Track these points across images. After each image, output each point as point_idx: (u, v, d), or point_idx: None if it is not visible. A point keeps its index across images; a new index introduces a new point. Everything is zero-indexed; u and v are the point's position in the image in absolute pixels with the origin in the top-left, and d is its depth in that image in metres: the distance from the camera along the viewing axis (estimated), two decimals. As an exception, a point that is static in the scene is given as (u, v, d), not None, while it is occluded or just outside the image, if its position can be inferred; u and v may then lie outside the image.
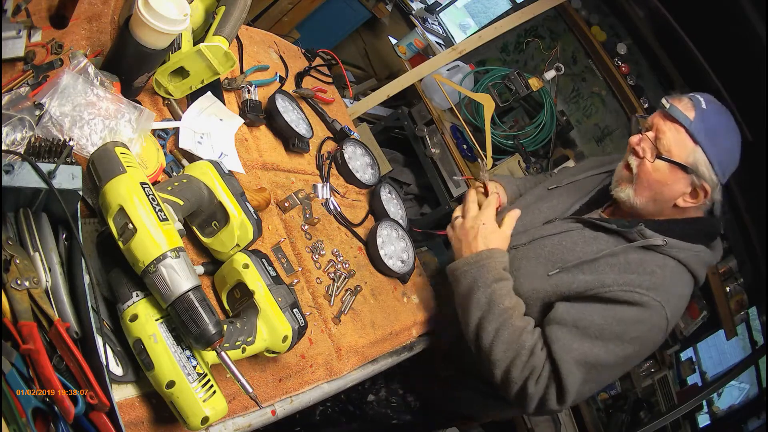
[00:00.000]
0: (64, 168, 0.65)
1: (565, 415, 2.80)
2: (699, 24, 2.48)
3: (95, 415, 0.59)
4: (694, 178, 1.13)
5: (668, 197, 1.18)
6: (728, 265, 2.94)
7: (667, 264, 1.15)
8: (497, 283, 1.19)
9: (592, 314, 1.12)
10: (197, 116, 1.04)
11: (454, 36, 3.57)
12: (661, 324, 1.12)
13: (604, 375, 1.15)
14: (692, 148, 1.12)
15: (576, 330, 1.12)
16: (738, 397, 3.39)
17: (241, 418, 0.84)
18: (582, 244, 1.22)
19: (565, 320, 1.14)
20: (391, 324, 1.25)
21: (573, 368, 1.10)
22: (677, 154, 1.13)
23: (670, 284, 1.13)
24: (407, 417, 1.50)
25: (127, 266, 0.70)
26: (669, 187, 1.16)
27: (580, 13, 2.90)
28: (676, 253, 1.15)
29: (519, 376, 1.14)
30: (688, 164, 1.13)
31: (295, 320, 0.86)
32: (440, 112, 2.61)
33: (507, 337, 1.15)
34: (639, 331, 1.11)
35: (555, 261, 1.22)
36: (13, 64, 0.81)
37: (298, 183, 1.25)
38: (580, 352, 1.10)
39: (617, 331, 1.10)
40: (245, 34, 1.42)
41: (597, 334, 1.11)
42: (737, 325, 2.96)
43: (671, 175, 1.15)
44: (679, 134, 1.13)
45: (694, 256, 1.16)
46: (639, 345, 1.13)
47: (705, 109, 1.13)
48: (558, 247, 1.24)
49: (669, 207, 1.19)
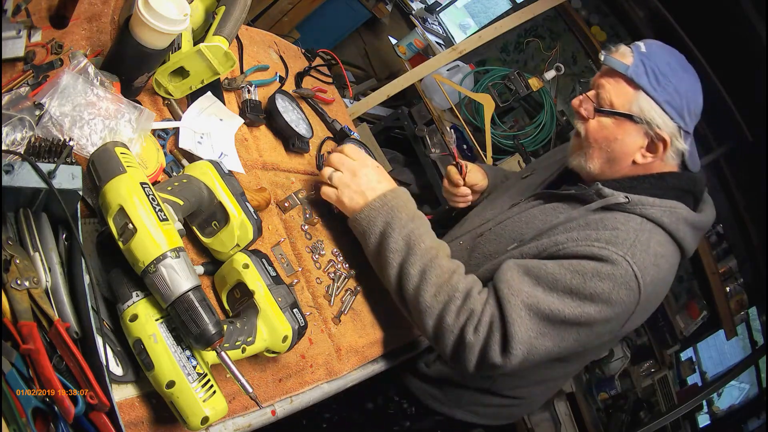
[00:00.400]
0: (64, 168, 0.65)
1: (565, 415, 2.80)
2: (699, 24, 2.49)
3: (95, 415, 0.59)
4: (646, 127, 1.04)
5: (622, 154, 1.07)
6: (728, 265, 2.95)
7: (632, 220, 1.02)
8: (413, 222, 1.07)
9: (545, 264, 1.00)
10: (197, 116, 1.04)
11: (454, 36, 3.57)
12: (629, 283, 0.96)
13: (565, 333, 0.99)
14: (633, 94, 1.03)
15: (528, 276, 1.00)
16: (738, 397, 3.40)
17: (241, 418, 0.84)
18: (541, 217, 1.14)
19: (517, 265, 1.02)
20: (391, 324, 1.25)
21: (522, 312, 0.96)
22: (619, 104, 1.05)
23: (635, 240, 0.99)
24: (407, 423, 1.49)
25: (127, 266, 0.70)
26: (620, 143, 1.07)
27: (580, 13, 2.90)
28: (642, 210, 1.03)
29: (454, 322, 0.99)
30: (633, 113, 1.04)
31: (295, 320, 0.86)
32: (440, 112, 2.61)
33: (435, 279, 1.02)
34: (600, 287, 0.96)
35: (515, 237, 1.14)
36: (13, 64, 0.81)
37: (298, 183, 1.25)
38: (530, 296, 0.97)
39: (574, 284, 0.96)
40: (245, 34, 1.42)
41: (551, 284, 0.98)
42: (737, 325, 2.97)
43: (619, 128, 1.06)
44: (618, 84, 1.05)
45: (667, 212, 1.03)
46: (603, 304, 0.97)
47: (644, 52, 1.04)
48: (518, 224, 1.17)
49: (628, 166, 1.09)
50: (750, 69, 2.35)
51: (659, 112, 1.03)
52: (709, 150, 2.74)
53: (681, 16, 2.58)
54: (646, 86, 1.02)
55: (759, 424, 2.78)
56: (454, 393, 1.37)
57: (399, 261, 1.06)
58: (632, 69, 1.03)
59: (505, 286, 0.99)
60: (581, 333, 1.00)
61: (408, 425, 1.46)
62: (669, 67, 1.04)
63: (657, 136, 1.04)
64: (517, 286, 0.99)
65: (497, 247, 1.17)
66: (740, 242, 2.92)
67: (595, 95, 1.10)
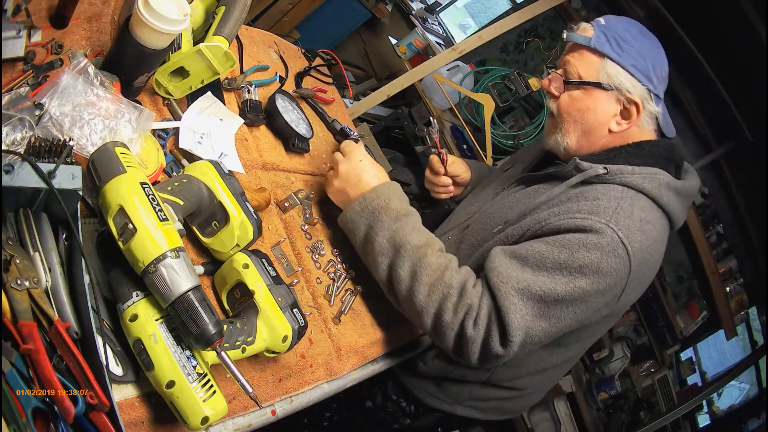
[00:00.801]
0: (64, 168, 0.65)
1: (565, 415, 2.80)
2: (699, 24, 2.49)
3: (95, 415, 0.59)
4: (617, 93, 1.06)
5: (597, 124, 1.09)
6: (728, 265, 2.95)
7: (612, 189, 1.03)
8: (397, 222, 1.06)
9: (530, 245, 1.00)
10: (197, 116, 1.04)
11: (454, 36, 3.57)
12: (617, 251, 0.96)
13: (560, 312, 0.98)
14: (599, 62, 1.06)
15: (515, 260, 0.99)
16: (738, 397, 3.40)
17: (241, 418, 0.84)
18: (524, 200, 1.14)
19: (503, 251, 1.02)
20: (391, 324, 1.25)
21: (515, 299, 0.96)
22: (586, 75, 1.08)
23: (617, 207, 0.99)
24: (407, 421, 1.49)
25: (127, 266, 0.70)
26: (593, 113, 1.08)
27: (580, 13, 2.90)
28: (621, 179, 1.03)
29: (453, 319, 0.99)
30: (602, 80, 1.06)
31: (295, 320, 0.86)
32: (440, 112, 2.61)
33: (426, 279, 1.01)
34: (588, 257, 0.95)
35: (498, 223, 1.15)
36: (13, 64, 0.81)
37: (298, 183, 1.25)
38: (520, 280, 0.96)
39: (561, 258, 0.96)
40: (245, 34, 1.42)
41: (539, 263, 0.97)
42: (737, 325, 2.97)
43: (590, 98, 1.08)
44: (582, 56, 1.08)
45: (648, 178, 1.03)
46: (594, 275, 0.96)
47: (603, 24, 1.08)
48: (501, 209, 1.17)
49: (605, 136, 1.10)
50: (750, 69, 2.35)
51: (626, 75, 1.05)
52: (709, 150, 2.74)
53: (681, 16, 2.58)
54: (610, 53, 1.05)
55: (759, 424, 2.78)
56: (453, 389, 1.37)
57: (387, 263, 1.06)
58: (594, 40, 1.06)
59: (495, 275, 0.99)
60: (578, 310, 0.99)
61: (408, 423, 1.46)
62: (629, 33, 1.07)
63: (628, 100, 1.06)
64: (505, 272, 0.98)
65: (483, 235, 1.16)
66: (740, 242, 2.92)
67: (563, 72, 1.12)
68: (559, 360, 1.35)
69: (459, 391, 1.36)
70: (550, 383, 1.49)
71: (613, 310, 1.09)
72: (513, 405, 1.45)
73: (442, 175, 1.42)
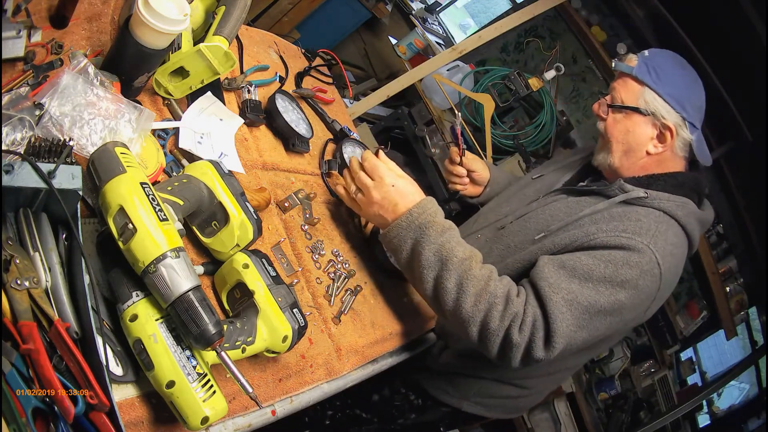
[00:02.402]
0: (64, 168, 0.65)
1: (565, 415, 2.80)
2: (699, 24, 2.48)
3: (95, 415, 0.59)
4: (653, 118, 1.18)
5: (637, 145, 1.21)
6: (728, 265, 2.94)
7: (652, 213, 1.13)
8: (443, 236, 1.10)
9: (579, 257, 1.08)
10: (197, 116, 1.04)
11: (454, 36, 3.57)
12: (653, 270, 1.06)
13: (597, 322, 1.06)
14: (639, 89, 1.19)
15: (563, 271, 1.07)
16: (738, 397, 3.40)
17: (241, 418, 0.84)
18: (566, 209, 1.22)
19: (552, 262, 1.09)
20: (391, 324, 1.25)
21: (563, 308, 1.03)
22: (627, 100, 1.21)
23: (656, 230, 1.09)
24: (412, 415, 1.50)
25: (127, 266, 0.70)
26: (633, 134, 1.20)
27: (580, 13, 2.90)
28: (659, 204, 1.14)
29: (499, 326, 1.04)
30: (640, 106, 1.19)
31: (295, 320, 0.86)
32: (440, 112, 2.61)
33: (472, 289, 1.06)
34: (629, 274, 1.05)
35: (540, 228, 1.21)
36: (13, 64, 0.81)
37: (298, 183, 1.25)
38: (569, 291, 1.04)
39: (607, 273, 1.05)
40: (245, 34, 1.42)
41: (586, 275, 1.05)
42: (737, 325, 2.97)
43: (630, 121, 1.21)
44: (626, 83, 1.22)
45: (680, 206, 1.14)
46: (632, 290, 1.06)
47: (647, 55, 1.21)
48: (542, 216, 1.24)
49: (643, 156, 1.21)
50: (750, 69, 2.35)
51: (662, 103, 1.17)
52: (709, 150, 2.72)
53: (681, 16, 2.57)
54: (649, 81, 1.17)
55: (759, 424, 2.78)
56: (463, 384, 1.41)
57: (434, 276, 1.09)
58: (636, 69, 1.20)
59: (545, 284, 1.05)
60: (613, 320, 1.08)
61: (413, 417, 1.48)
62: (668, 65, 1.21)
63: (663, 125, 1.18)
64: (555, 282, 1.05)
65: (523, 238, 1.23)
66: (740, 242, 2.92)
67: (610, 97, 1.26)
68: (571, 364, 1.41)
69: (469, 386, 1.40)
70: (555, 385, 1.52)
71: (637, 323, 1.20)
72: (518, 403, 1.49)
73: (457, 165, 1.48)
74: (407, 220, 1.12)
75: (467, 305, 1.06)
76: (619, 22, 2.92)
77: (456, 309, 1.07)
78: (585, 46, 2.96)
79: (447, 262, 1.08)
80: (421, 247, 1.10)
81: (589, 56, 2.97)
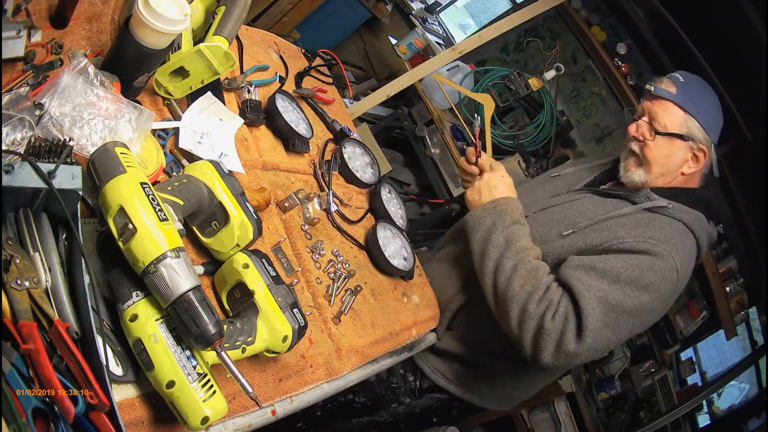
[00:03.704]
0: (64, 168, 0.65)
1: (565, 415, 2.80)
2: (699, 24, 2.48)
3: (95, 415, 0.59)
4: (692, 143, 1.27)
5: (675, 167, 1.30)
6: (728, 265, 2.94)
7: (674, 223, 1.22)
8: (515, 226, 1.28)
9: (608, 259, 1.17)
10: (197, 116, 1.04)
11: (454, 36, 3.57)
12: (672, 276, 1.15)
13: (622, 322, 1.14)
14: (683, 117, 1.27)
15: (594, 271, 1.16)
16: (738, 397, 3.40)
17: (241, 418, 0.84)
18: (592, 207, 1.31)
19: (582, 263, 1.19)
20: (391, 324, 1.25)
21: (594, 304, 1.11)
22: (672, 126, 1.27)
23: (678, 240, 1.19)
24: (407, 399, 1.51)
25: (127, 266, 0.70)
26: (673, 158, 1.29)
27: (580, 13, 2.90)
28: (680, 215, 1.23)
29: (536, 310, 1.16)
30: (684, 133, 1.27)
31: (295, 320, 0.86)
32: (440, 112, 2.61)
33: (524, 273, 1.20)
34: (653, 278, 1.14)
35: (567, 223, 1.30)
36: (13, 64, 0.81)
37: (298, 183, 1.25)
38: (599, 290, 1.13)
39: (634, 276, 1.13)
40: (245, 34, 1.42)
41: (615, 277, 1.14)
42: (737, 325, 2.96)
43: (672, 146, 1.28)
44: (669, 109, 1.28)
45: (697, 221, 1.24)
46: (654, 294, 1.14)
47: (683, 81, 1.29)
48: (569, 211, 1.33)
49: (678, 176, 1.31)
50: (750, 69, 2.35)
51: (700, 129, 1.26)
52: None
53: (681, 16, 2.57)
54: (692, 110, 1.26)
55: (759, 424, 2.78)
56: (461, 371, 1.46)
57: (497, 255, 1.26)
58: (679, 97, 1.27)
59: (578, 282, 1.15)
60: (634, 322, 1.16)
61: (408, 402, 1.52)
62: (701, 94, 1.31)
63: (699, 149, 1.28)
64: (587, 281, 1.15)
65: (548, 230, 1.33)
66: (740, 242, 2.92)
67: (649, 119, 1.31)
68: None
69: (466, 373, 1.46)
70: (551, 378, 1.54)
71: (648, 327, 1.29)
72: (512, 395, 1.53)
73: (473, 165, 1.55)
74: (493, 204, 1.33)
75: (516, 284, 1.19)
76: (619, 22, 2.92)
77: (506, 286, 1.21)
78: (585, 46, 2.96)
79: (511, 245, 1.24)
80: (495, 228, 1.28)
81: (589, 56, 2.97)
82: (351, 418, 1.53)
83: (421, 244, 2.62)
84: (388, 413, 1.53)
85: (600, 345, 1.14)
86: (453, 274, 1.52)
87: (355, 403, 1.52)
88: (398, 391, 1.50)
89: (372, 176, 1.51)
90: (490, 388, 1.47)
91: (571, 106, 3.06)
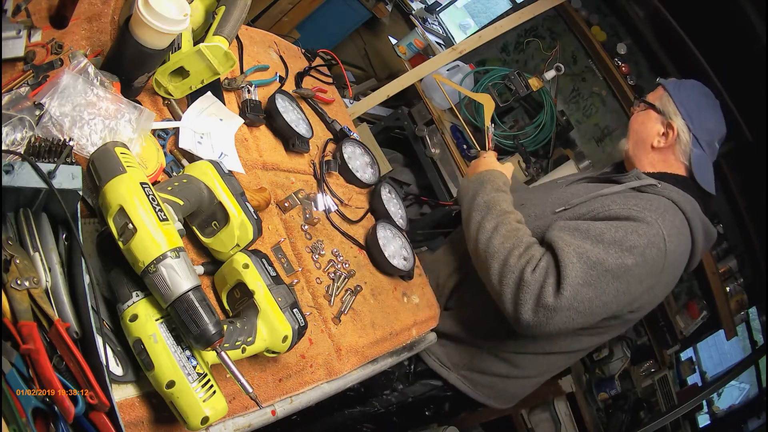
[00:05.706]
0: (64, 168, 0.65)
1: (565, 415, 2.80)
2: (699, 24, 2.48)
3: (95, 415, 0.59)
4: (663, 116, 1.38)
5: (646, 136, 1.40)
6: (728, 265, 2.94)
7: (662, 199, 1.26)
8: (496, 193, 1.37)
9: (593, 223, 1.21)
10: (197, 116, 1.04)
11: (454, 36, 3.57)
12: (659, 243, 1.16)
13: (605, 283, 1.14)
14: (662, 93, 1.41)
15: (578, 232, 1.20)
16: (738, 397, 3.40)
17: (241, 418, 0.84)
18: (585, 191, 1.38)
19: (567, 226, 1.23)
20: (391, 324, 1.25)
21: (573, 258, 1.14)
22: (651, 98, 1.43)
23: (665, 211, 1.21)
24: (399, 386, 1.52)
25: (127, 266, 0.70)
26: (645, 127, 1.41)
27: (580, 13, 2.89)
28: (668, 194, 1.27)
29: (516, 263, 1.19)
30: (656, 103, 1.40)
31: (295, 320, 0.86)
32: (440, 112, 2.61)
33: (504, 232, 1.26)
34: (637, 241, 1.15)
35: (561, 203, 1.36)
36: (13, 64, 0.81)
37: (298, 183, 1.25)
38: (580, 245, 1.16)
39: (617, 237, 1.16)
40: (245, 34, 1.42)
41: (597, 237, 1.17)
42: (737, 325, 2.96)
43: (647, 116, 1.42)
44: (657, 90, 1.44)
45: (686, 202, 1.27)
46: (639, 258, 1.15)
47: (685, 80, 1.44)
48: (564, 195, 1.41)
49: (648, 147, 1.40)
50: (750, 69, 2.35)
51: (674, 107, 1.37)
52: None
53: (681, 16, 2.57)
54: (671, 90, 1.39)
55: (759, 424, 2.78)
56: (454, 353, 1.48)
57: (479, 218, 1.34)
58: (671, 84, 1.41)
59: (559, 239, 1.19)
60: (619, 287, 1.16)
61: (401, 388, 1.53)
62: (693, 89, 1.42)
63: (669, 124, 1.36)
64: (568, 239, 1.18)
65: (541, 210, 1.39)
66: (740, 242, 2.92)
67: None
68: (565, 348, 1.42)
69: (461, 356, 1.47)
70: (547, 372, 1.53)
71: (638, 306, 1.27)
72: (506, 386, 1.50)
73: None
74: (476, 176, 1.45)
75: (496, 242, 1.25)
76: (619, 22, 2.92)
77: (487, 244, 1.27)
78: (585, 46, 2.96)
79: (492, 209, 1.33)
80: (477, 195, 1.38)
81: (589, 56, 2.97)
82: (343, 409, 1.53)
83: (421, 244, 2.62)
84: (380, 402, 1.53)
85: (582, 305, 1.14)
86: (449, 257, 1.60)
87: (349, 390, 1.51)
88: (392, 376, 1.51)
89: (372, 176, 1.51)
90: (485, 375, 1.46)
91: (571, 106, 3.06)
